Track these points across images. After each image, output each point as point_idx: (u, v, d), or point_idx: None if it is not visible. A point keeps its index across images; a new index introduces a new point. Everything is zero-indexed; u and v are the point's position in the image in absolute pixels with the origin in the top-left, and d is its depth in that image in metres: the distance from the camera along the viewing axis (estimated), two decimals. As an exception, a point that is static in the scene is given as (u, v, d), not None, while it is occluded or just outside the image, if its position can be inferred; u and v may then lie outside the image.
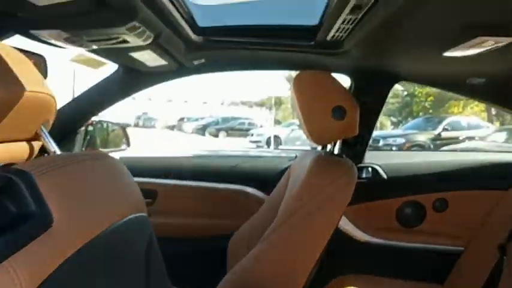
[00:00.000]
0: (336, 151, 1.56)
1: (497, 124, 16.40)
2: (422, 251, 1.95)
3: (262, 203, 1.78)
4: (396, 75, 1.83)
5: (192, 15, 1.43)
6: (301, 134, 14.15)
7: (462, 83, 1.72)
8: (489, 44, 1.11)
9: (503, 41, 1.09)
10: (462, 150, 9.31)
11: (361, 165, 1.94)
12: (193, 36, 1.51)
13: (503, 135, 10.75)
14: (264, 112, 31.28)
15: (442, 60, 1.39)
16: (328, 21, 1.34)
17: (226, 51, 1.68)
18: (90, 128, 2.01)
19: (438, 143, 11.67)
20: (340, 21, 1.27)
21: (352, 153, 1.86)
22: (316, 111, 1.38)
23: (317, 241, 1.31)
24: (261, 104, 35.98)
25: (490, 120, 16.35)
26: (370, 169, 1.96)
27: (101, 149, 2.06)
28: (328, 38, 1.48)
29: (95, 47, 1.31)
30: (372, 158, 2.00)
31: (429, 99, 19.52)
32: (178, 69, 1.77)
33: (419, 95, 19.53)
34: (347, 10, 1.16)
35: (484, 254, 1.86)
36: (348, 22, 1.28)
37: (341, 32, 1.39)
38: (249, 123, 22.63)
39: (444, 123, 12.37)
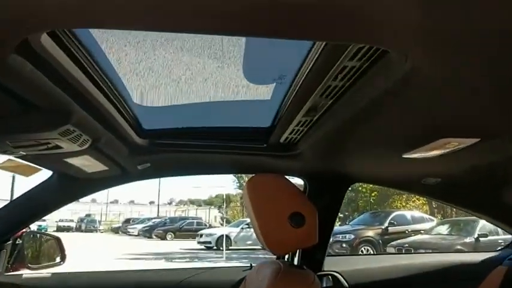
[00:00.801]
0: (295, 261, 1.43)
1: (439, 216, 16.99)
2: None
3: None
4: (352, 177, 1.79)
5: (136, 117, 1.34)
6: (252, 233, 13.89)
7: (418, 183, 1.70)
8: (452, 145, 1.09)
9: (466, 142, 1.07)
10: (415, 249, 9.44)
11: (321, 273, 1.80)
12: (137, 139, 1.40)
13: (445, 228, 11.07)
14: (212, 211, 30.77)
15: (400, 162, 1.36)
16: (282, 123, 1.29)
17: (174, 155, 1.58)
18: (19, 240, 1.76)
19: (386, 237, 11.74)
20: (294, 123, 1.22)
21: (311, 260, 1.73)
22: (273, 219, 1.27)
23: None
24: (209, 203, 35.50)
25: (432, 213, 16.92)
26: (330, 277, 1.82)
27: (30, 265, 1.79)
28: (282, 140, 1.43)
29: (23, 153, 1.16)
30: (331, 265, 1.87)
31: (373, 194, 20.12)
32: (121, 174, 1.62)
33: (364, 190, 20.11)
34: (302, 112, 1.12)
35: None
36: (303, 124, 1.23)
37: (295, 134, 1.34)
38: (198, 223, 21.98)
39: (390, 217, 12.61)
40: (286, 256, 1.44)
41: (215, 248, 15.03)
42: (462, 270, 1.90)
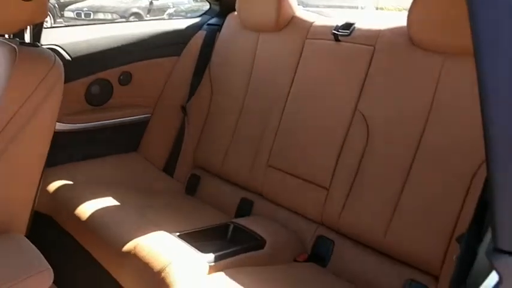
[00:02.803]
0: (26, 38, 1.25)
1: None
2: (115, 126, 1.97)
3: None
4: None
5: None
6: None
7: None
8: None
9: None
10: (94, 12, 9.26)
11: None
12: None
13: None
14: None
15: None
16: None
17: None
18: None
19: (62, 1, 11.02)
20: None
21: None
22: None
23: (40, 152, 1.11)
24: None
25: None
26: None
27: None
28: None
29: None
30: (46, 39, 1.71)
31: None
32: None
33: None
34: None
35: (169, 116, 2.06)
36: None
37: None
38: None
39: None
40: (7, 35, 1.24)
41: None
42: (171, 36, 2.08)
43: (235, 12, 1.93)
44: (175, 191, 1.95)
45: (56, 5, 10.92)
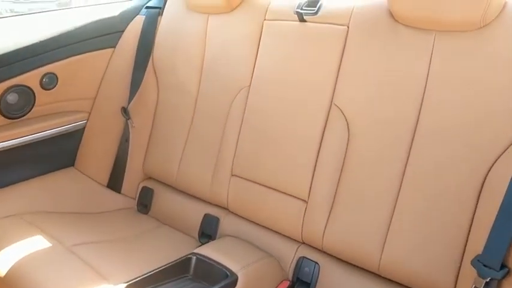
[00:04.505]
0: None
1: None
2: (43, 139, 1.62)
3: None
4: None
5: None
6: None
7: None
8: None
9: None
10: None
11: None
12: None
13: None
14: None
15: None
16: None
17: None
18: None
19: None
20: None
21: None
22: None
23: None
24: None
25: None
26: None
27: None
28: None
29: None
30: None
31: None
32: None
33: None
34: None
35: (108, 121, 1.74)
36: None
37: None
38: None
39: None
40: None
41: None
42: (102, 25, 1.73)
43: (178, -8, 1.61)
44: (125, 210, 1.65)
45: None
